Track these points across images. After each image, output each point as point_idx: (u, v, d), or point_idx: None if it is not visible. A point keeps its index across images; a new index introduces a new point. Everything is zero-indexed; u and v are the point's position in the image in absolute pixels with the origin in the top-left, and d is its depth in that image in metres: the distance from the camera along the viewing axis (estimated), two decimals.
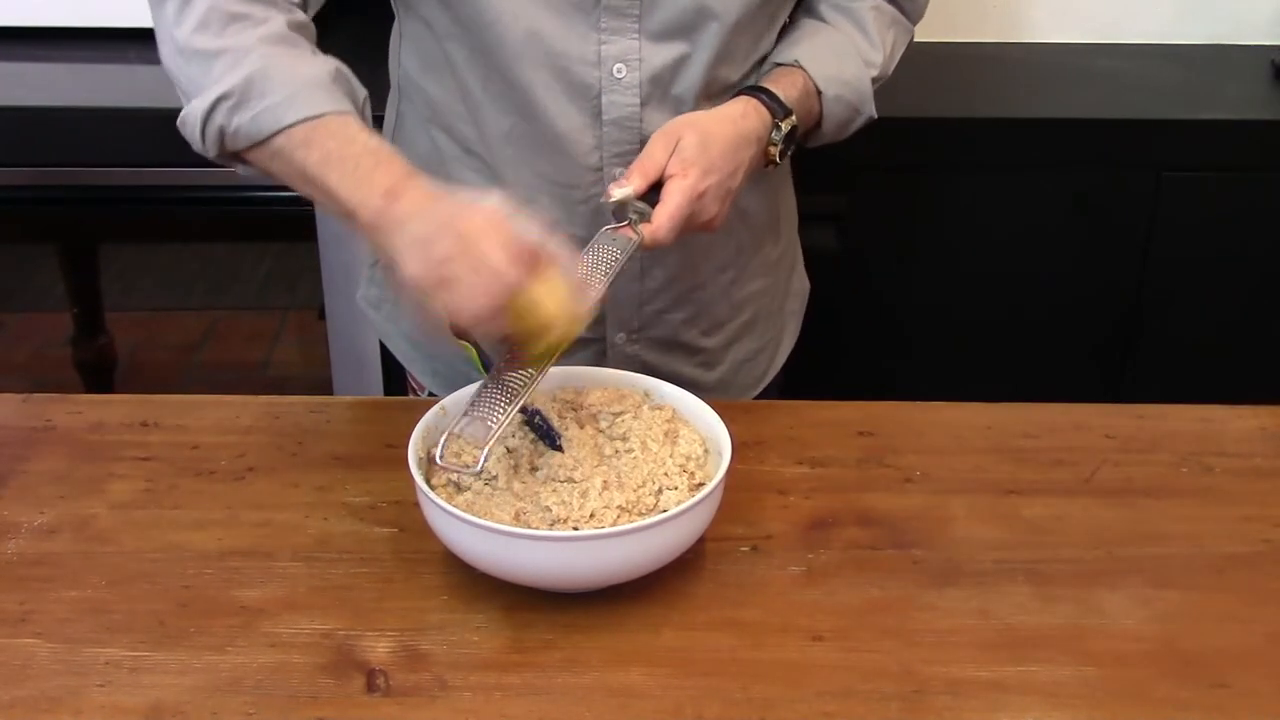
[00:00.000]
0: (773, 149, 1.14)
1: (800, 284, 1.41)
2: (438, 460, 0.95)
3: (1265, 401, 1.22)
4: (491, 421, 0.94)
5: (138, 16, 1.88)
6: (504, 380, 0.97)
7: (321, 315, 1.88)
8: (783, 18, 1.21)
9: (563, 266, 0.92)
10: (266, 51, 1.02)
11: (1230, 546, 1.03)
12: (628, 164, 1.12)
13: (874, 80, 1.22)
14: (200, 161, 1.07)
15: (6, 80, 1.92)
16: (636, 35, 1.10)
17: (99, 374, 2.09)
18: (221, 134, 1.02)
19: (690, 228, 1.07)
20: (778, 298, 1.35)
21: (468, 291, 0.89)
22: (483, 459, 0.94)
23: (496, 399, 0.95)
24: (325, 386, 1.91)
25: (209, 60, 1.02)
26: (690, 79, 1.13)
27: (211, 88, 1.01)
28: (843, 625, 0.94)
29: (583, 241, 1.13)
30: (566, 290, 0.91)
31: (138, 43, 1.87)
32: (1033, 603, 0.96)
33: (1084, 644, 0.93)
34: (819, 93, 1.18)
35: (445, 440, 0.95)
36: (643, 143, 1.11)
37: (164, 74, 1.06)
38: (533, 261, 0.90)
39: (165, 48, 1.05)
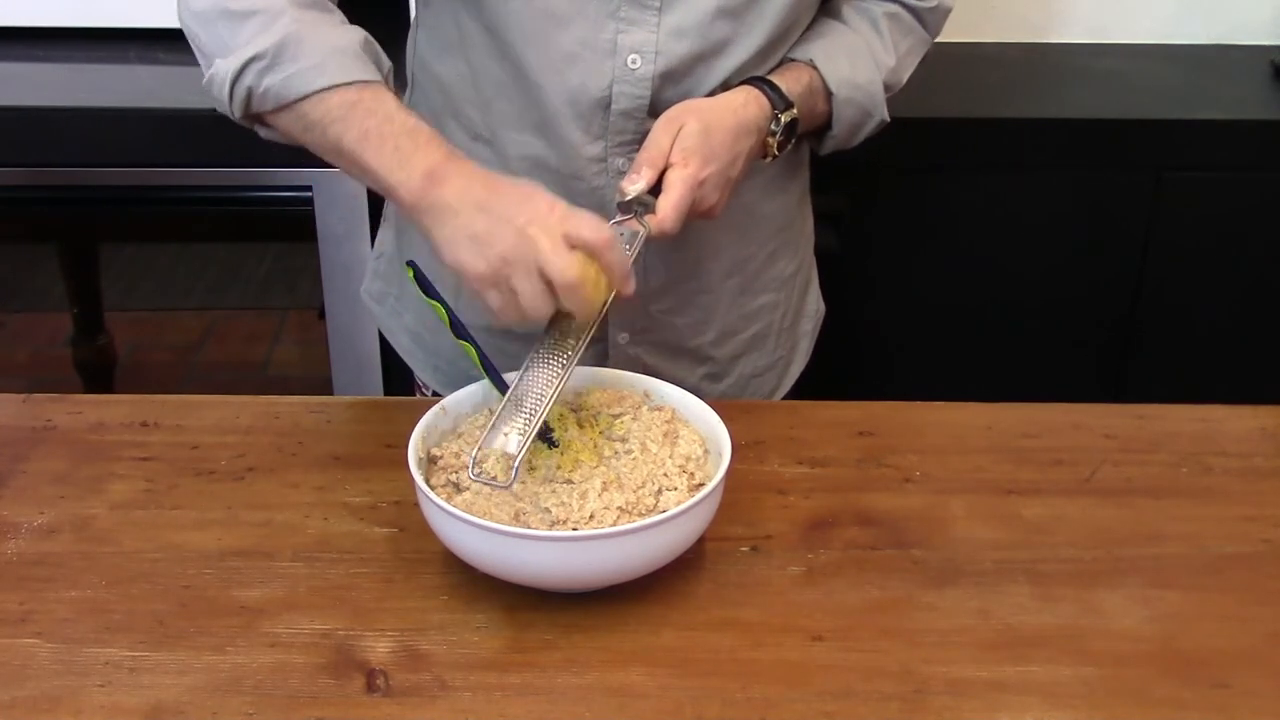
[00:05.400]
0: (770, 140, 1.14)
1: (815, 305, 1.39)
2: (471, 476, 0.96)
3: (1265, 401, 1.22)
4: (519, 436, 0.96)
5: (138, 16, 1.90)
6: (521, 395, 0.99)
7: (321, 315, 1.88)
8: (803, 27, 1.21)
9: (616, 252, 0.97)
10: (298, 15, 1.04)
11: (1230, 546, 1.03)
12: (630, 154, 1.12)
13: (885, 86, 1.22)
14: (200, 161, 1.07)
15: (6, 80, 1.92)
16: (655, 29, 1.10)
17: (99, 374, 2.08)
18: (249, 95, 1.04)
19: (691, 216, 1.07)
20: (790, 315, 1.33)
21: (527, 301, 0.95)
22: (514, 474, 0.95)
23: (517, 413, 0.98)
24: (325, 386, 1.91)
25: (239, 21, 1.03)
26: (704, 78, 1.12)
27: (242, 48, 1.03)
28: (843, 625, 0.94)
29: None
30: (616, 276, 0.98)
31: (138, 43, 1.87)
32: (1033, 603, 0.96)
33: (1084, 644, 0.93)
34: (829, 94, 1.18)
35: (475, 457, 0.97)
36: (646, 133, 1.10)
37: (164, 74, 1.06)
38: (589, 256, 0.95)
39: (188, 7, 1.06)
